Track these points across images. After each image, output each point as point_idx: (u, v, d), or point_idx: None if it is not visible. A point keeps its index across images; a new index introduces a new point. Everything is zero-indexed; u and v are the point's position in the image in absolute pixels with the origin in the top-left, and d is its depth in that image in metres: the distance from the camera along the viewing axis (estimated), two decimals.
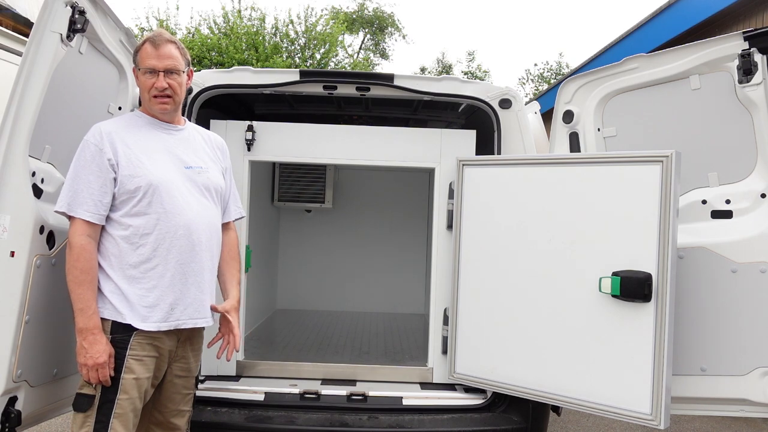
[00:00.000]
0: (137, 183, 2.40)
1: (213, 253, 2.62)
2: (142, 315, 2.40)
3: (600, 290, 2.82)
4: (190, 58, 2.65)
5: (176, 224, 2.44)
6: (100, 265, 2.41)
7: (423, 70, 36.53)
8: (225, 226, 2.78)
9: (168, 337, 2.48)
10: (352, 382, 3.47)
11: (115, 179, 2.40)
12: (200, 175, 2.59)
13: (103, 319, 2.38)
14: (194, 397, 2.74)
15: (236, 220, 2.89)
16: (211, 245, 2.59)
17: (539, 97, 14.01)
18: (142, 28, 18.69)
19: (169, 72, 2.50)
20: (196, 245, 2.49)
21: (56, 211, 2.41)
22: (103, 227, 2.42)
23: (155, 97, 2.51)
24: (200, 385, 3.29)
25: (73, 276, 2.34)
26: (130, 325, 2.38)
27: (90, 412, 2.33)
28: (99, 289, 2.40)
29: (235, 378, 3.49)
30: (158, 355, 2.47)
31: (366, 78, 3.56)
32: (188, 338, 2.60)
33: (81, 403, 2.35)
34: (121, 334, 2.38)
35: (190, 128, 2.73)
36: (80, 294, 2.33)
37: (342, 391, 3.28)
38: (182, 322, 2.48)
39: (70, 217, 2.38)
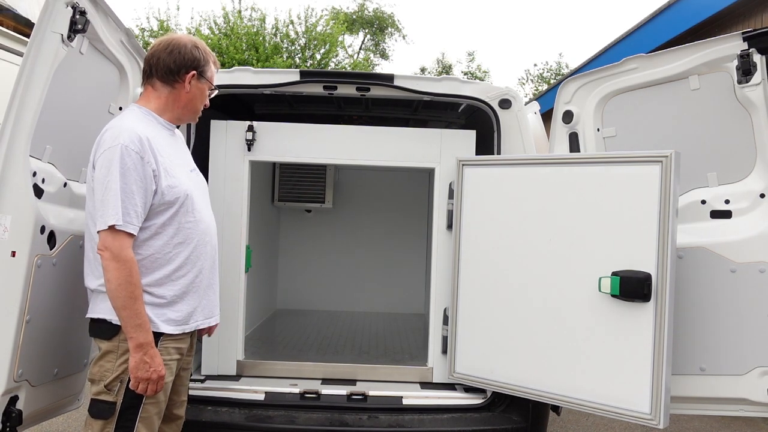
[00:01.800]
0: (176, 194, 2.36)
1: (218, 253, 2.67)
2: (170, 319, 2.38)
3: (599, 290, 2.82)
4: None
5: (203, 231, 2.47)
6: None
7: (423, 70, 36.55)
8: None
9: (187, 338, 2.51)
10: (352, 382, 3.47)
11: (155, 189, 2.33)
12: (198, 176, 2.63)
13: None
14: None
15: None
16: (218, 246, 2.64)
17: (539, 97, 14.02)
18: (142, 28, 18.73)
19: None
20: (213, 249, 2.55)
21: (100, 231, 2.24)
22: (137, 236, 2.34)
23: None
24: (200, 385, 3.31)
25: (128, 292, 2.22)
26: (155, 331, 2.35)
27: (111, 418, 2.29)
28: None
29: (236, 378, 3.49)
30: (180, 357, 2.48)
31: (366, 78, 3.57)
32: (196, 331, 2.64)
33: (102, 410, 2.29)
34: None
35: None
36: (137, 309, 2.24)
37: (342, 390, 3.28)
38: (200, 323, 2.52)
39: (106, 229, 2.24)
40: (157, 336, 2.35)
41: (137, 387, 2.27)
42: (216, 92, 2.65)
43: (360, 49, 32.57)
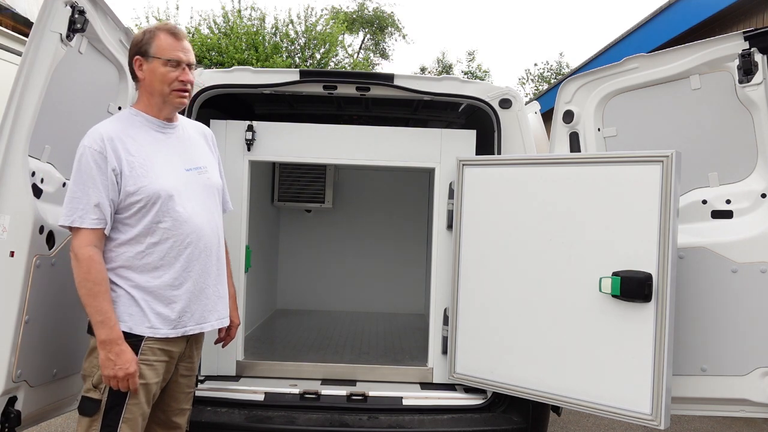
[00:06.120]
0: (144, 193, 2.32)
1: (220, 257, 2.58)
2: (151, 323, 2.36)
3: (600, 290, 2.81)
4: None
5: (184, 232, 2.40)
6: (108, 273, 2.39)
7: (423, 70, 36.53)
8: None
9: (178, 341, 2.46)
10: (352, 382, 3.47)
11: (119, 189, 2.31)
12: (201, 175, 2.55)
13: None
14: (194, 395, 2.72)
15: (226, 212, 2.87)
16: (218, 250, 2.56)
17: (539, 97, 14.01)
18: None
19: (189, 65, 2.46)
20: (203, 252, 2.46)
21: (61, 225, 2.32)
22: (108, 236, 2.34)
23: (177, 90, 2.43)
24: (200, 385, 3.30)
25: (86, 289, 2.24)
26: (137, 334, 2.34)
27: (97, 416, 2.28)
28: None
29: (235, 378, 3.49)
30: (168, 359, 2.44)
31: (366, 78, 3.56)
32: (195, 338, 2.58)
33: (88, 408, 2.30)
34: (131, 339, 2.33)
35: (183, 123, 2.66)
36: (97, 306, 2.24)
37: (342, 391, 3.28)
38: (189, 328, 2.45)
39: (72, 228, 2.29)
40: (141, 336, 2.34)
41: (108, 384, 2.26)
42: (175, 58, 2.40)
43: (360, 48, 32.55)
